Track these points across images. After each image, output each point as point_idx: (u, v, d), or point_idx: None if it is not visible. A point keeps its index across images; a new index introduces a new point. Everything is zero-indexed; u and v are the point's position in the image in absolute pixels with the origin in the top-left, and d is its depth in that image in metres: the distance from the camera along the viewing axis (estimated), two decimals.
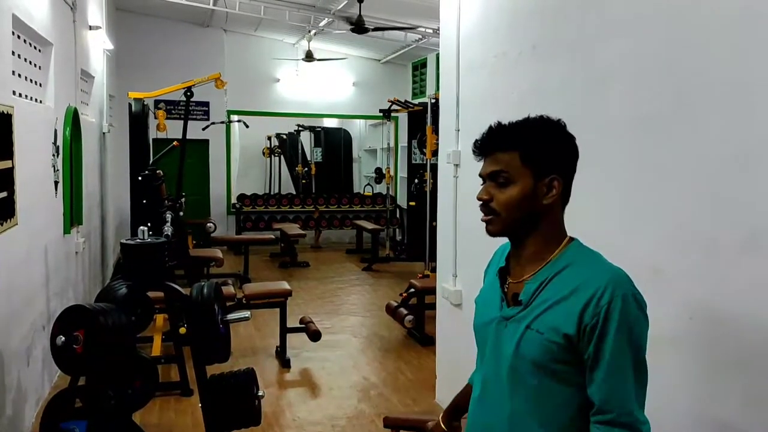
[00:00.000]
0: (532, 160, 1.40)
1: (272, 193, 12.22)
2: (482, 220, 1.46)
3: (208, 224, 9.23)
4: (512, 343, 1.41)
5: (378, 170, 11.90)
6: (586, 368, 1.35)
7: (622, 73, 2.49)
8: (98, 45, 7.23)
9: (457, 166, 3.92)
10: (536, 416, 1.40)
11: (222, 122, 10.23)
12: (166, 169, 7.04)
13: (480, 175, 1.47)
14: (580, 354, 1.34)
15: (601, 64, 2.63)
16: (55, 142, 4.72)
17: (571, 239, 1.47)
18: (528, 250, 1.45)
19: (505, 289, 1.49)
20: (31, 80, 4.40)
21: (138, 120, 7.84)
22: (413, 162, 9.42)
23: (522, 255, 1.46)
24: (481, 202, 1.45)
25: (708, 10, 2.08)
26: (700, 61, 2.11)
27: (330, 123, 13.51)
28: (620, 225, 2.49)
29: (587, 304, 1.32)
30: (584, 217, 2.72)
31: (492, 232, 1.45)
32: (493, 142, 1.44)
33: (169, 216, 6.35)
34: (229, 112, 10.73)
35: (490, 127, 1.47)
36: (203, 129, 9.47)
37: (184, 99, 7.22)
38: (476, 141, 1.47)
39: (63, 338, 2.75)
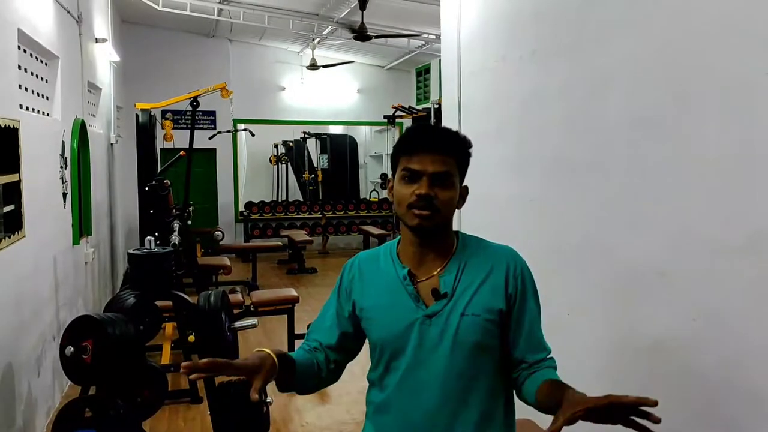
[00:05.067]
0: (462, 168, 1.55)
1: (279, 200, 12.27)
2: (418, 215, 1.49)
3: (216, 232, 9.26)
4: (447, 335, 1.49)
5: (384, 176, 11.92)
6: (508, 331, 1.54)
7: (622, 76, 2.50)
8: (105, 57, 7.31)
9: None
10: (475, 397, 1.52)
11: (228, 131, 10.28)
12: (174, 178, 7.09)
13: (413, 170, 1.49)
14: (505, 320, 1.53)
15: (601, 67, 2.63)
16: (63, 154, 4.78)
17: (457, 231, 1.62)
18: (437, 248, 1.56)
19: (417, 291, 1.54)
20: (38, 93, 4.45)
21: (145, 130, 7.90)
22: None
23: (430, 253, 1.56)
24: (418, 197, 1.48)
25: (707, 10, 2.09)
26: (700, 62, 2.11)
27: (336, 130, 13.55)
28: (623, 228, 2.49)
29: (507, 278, 1.53)
30: (587, 220, 2.74)
31: (428, 228, 1.51)
32: (445, 143, 1.52)
33: (176, 225, 6.40)
34: (236, 121, 10.78)
35: (434, 128, 1.58)
36: (210, 138, 9.53)
37: (191, 109, 7.27)
38: (415, 139, 1.53)
39: (72, 348, 2.79)
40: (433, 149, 1.50)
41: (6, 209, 3.50)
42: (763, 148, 1.88)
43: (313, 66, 10.06)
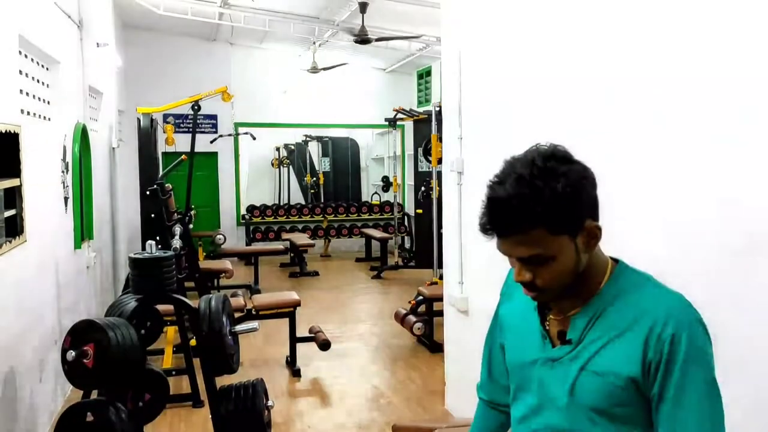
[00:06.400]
0: (562, 225, 1.17)
1: (281, 203, 12.29)
2: (526, 294, 1.28)
3: (218, 236, 9.29)
4: (564, 388, 1.25)
5: (385, 179, 11.93)
6: (652, 407, 1.20)
7: (623, 77, 2.50)
8: (106, 61, 7.32)
9: (460, 173, 3.94)
10: None
11: (230, 135, 10.30)
12: (176, 182, 7.11)
13: (503, 252, 1.24)
14: (646, 394, 1.20)
15: (601, 68, 2.64)
16: (64, 159, 4.79)
17: (615, 261, 1.29)
18: (575, 290, 1.26)
19: (547, 326, 1.31)
20: (39, 98, 4.46)
21: (147, 134, 7.94)
22: (420, 170, 9.45)
23: (567, 292, 1.27)
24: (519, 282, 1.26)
25: (706, 10, 2.09)
26: (700, 63, 2.12)
27: (337, 133, 13.57)
28: (623, 226, 2.49)
29: (648, 339, 1.17)
30: None
31: (545, 301, 1.30)
32: (508, 226, 1.18)
33: (178, 229, 6.41)
34: (237, 125, 10.80)
35: (492, 206, 1.19)
36: (211, 142, 9.57)
37: (192, 113, 7.29)
38: (484, 223, 1.20)
39: (73, 353, 2.79)
40: (504, 235, 1.19)
41: (7, 214, 3.51)
42: (764, 149, 1.88)
43: (315, 69, 10.08)
